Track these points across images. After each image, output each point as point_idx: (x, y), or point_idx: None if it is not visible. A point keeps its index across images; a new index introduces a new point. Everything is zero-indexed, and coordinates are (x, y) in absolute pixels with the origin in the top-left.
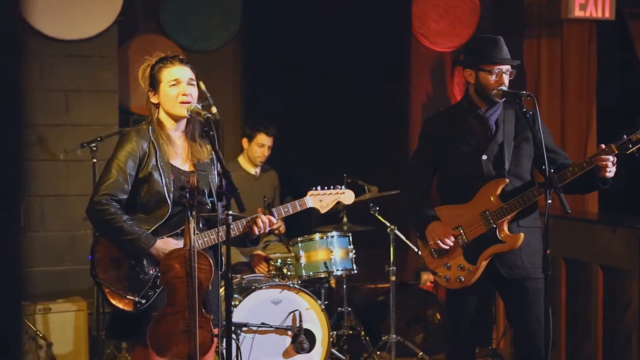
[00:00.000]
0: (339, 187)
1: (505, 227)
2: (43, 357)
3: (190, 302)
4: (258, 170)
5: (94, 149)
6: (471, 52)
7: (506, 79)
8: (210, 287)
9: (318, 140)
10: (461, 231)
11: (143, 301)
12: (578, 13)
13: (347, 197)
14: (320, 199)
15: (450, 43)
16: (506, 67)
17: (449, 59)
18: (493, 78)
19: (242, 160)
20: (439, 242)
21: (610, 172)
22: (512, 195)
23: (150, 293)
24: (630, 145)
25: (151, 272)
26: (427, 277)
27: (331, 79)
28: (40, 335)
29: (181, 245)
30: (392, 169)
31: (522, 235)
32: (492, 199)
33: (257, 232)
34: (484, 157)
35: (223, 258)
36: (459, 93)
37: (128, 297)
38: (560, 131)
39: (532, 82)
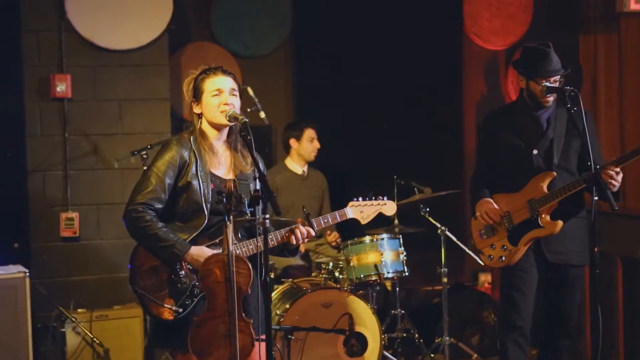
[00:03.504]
0: (381, 197)
1: (547, 215)
2: None
3: (230, 307)
4: (306, 170)
5: (145, 156)
6: (523, 62)
7: None
8: (249, 291)
9: (370, 143)
10: (508, 215)
11: (181, 310)
12: (634, 6)
13: (389, 208)
14: (361, 210)
15: (503, 41)
16: (554, 78)
17: (503, 57)
18: (540, 88)
19: (289, 161)
20: (484, 215)
21: (614, 186)
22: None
23: (187, 302)
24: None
25: (189, 281)
26: (484, 279)
27: (383, 81)
28: (97, 342)
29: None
30: (446, 170)
31: (560, 222)
32: (539, 189)
33: (295, 243)
34: (535, 151)
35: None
36: (513, 91)
37: (166, 305)
38: (618, 128)
39: (588, 79)
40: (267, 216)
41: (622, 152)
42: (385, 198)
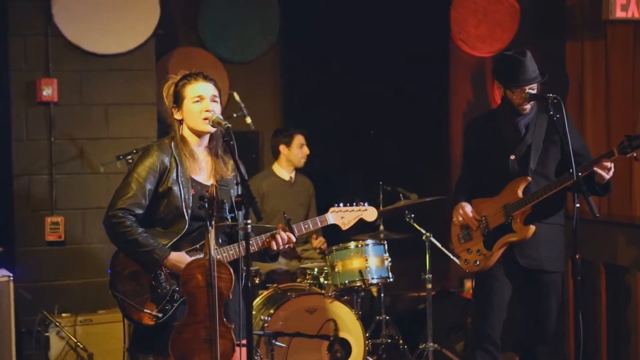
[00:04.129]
0: (362, 203)
1: (520, 220)
2: None
3: (211, 312)
4: (293, 176)
5: (130, 161)
6: (498, 71)
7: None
8: (230, 297)
9: (357, 149)
10: (484, 220)
11: (160, 315)
12: (620, 14)
13: (370, 214)
14: (342, 216)
15: (490, 47)
16: (530, 86)
17: (490, 64)
18: (515, 96)
19: (276, 167)
20: (460, 218)
21: (604, 177)
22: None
23: (167, 307)
24: (629, 150)
25: (169, 286)
26: (470, 285)
27: (370, 87)
28: (81, 346)
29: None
30: (432, 176)
31: (532, 227)
32: (514, 193)
33: (275, 248)
34: (512, 157)
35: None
36: (499, 98)
37: (146, 311)
38: (605, 134)
39: (575, 85)
40: (249, 221)
41: None
42: (366, 204)
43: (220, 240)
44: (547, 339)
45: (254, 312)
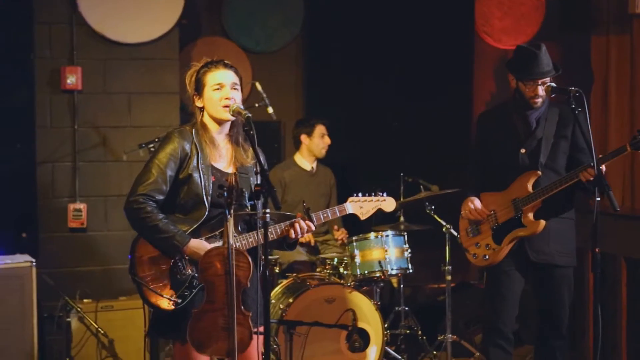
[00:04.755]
0: (380, 193)
1: (531, 214)
2: (105, 354)
3: (229, 300)
4: (315, 166)
5: (152, 149)
6: (513, 62)
7: (541, 90)
8: (249, 285)
9: (379, 140)
10: (493, 214)
11: (179, 301)
12: None
13: (388, 204)
14: (360, 206)
15: (514, 40)
16: (543, 80)
17: None
18: (527, 89)
19: (298, 157)
20: (468, 212)
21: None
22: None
23: (186, 293)
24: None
25: (188, 272)
26: None
27: (393, 79)
28: (102, 332)
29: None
30: (454, 168)
31: (542, 222)
32: (523, 188)
33: (294, 237)
34: (523, 150)
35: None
36: None
37: (165, 296)
38: (629, 130)
39: (600, 80)
40: (268, 210)
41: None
42: (385, 194)
43: (239, 228)
44: (561, 333)
45: (273, 301)
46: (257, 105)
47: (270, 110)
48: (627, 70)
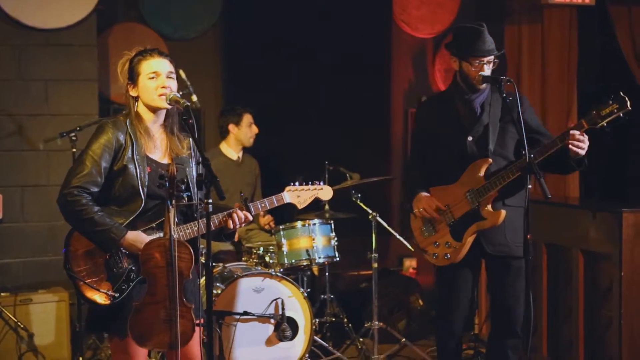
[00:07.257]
0: (318, 182)
1: (488, 205)
2: (24, 348)
3: (171, 292)
4: (240, 155)
5: (74, 138)
6: (457, 42)
7: (487, 68)
8: (190, 276)
9: (299, 128)
10: (448, 209)
11: (116, 295)
12: None
13: (325, 193)
14: (297, 195)
15: (431, 29)
16: (488, 58)
17: (431, 45)
18: (474, 68)
19: (223, 146)
20: (422, 210)
21: (581, 149)
22: (496, 174)
23: (123, 287)
24: (599, 120)
25: (125, 265)
26: (409, 264)
27: (311, 66)
28: (22, 326)
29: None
30: (374, 156)
31: (503, 212)
32: (476, 178)
33: (232, 227)
34: (469, 138)
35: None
36: (440, 80)
37: (101, 290)
38: (541, 116)
39: (513, 68)
40: (210, 201)
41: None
42: (321, 183)
43: (176, 219)
44: (515, 332)
45: (200, 292)
46: (181, 93)
47: (194, 98)
48: (538, 59)
